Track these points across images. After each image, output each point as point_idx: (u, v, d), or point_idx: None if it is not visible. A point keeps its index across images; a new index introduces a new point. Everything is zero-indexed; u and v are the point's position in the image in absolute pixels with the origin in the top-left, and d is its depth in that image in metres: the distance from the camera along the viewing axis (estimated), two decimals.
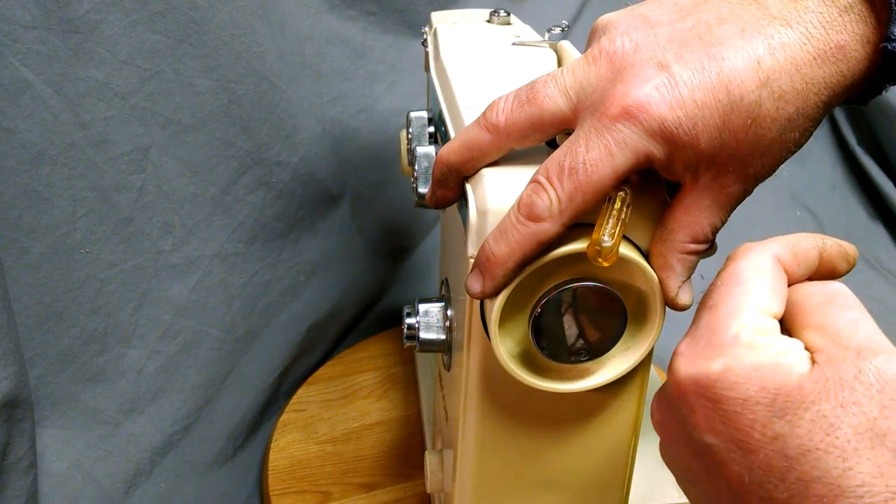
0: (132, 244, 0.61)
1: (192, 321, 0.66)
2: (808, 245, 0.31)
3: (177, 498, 0.66)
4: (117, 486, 0.62)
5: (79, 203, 0.57)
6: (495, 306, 0.35)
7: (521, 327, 0.37)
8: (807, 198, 1.18)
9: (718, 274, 0.32)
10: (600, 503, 0.47)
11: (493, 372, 0.40)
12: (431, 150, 0.47)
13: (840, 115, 1.22)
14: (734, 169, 0.32)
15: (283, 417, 0.73)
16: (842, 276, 0.32)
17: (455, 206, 0.43)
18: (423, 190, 0.46)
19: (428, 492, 0.52)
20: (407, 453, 0.69)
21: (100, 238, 0.59)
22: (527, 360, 0.37)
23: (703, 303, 0.31)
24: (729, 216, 0.34)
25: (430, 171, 0.46)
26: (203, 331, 0.67)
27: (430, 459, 0.52)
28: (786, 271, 0.31)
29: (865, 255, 1.08)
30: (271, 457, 0.69)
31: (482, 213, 0.35)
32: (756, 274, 0.30)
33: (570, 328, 0.36)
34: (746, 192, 0.33)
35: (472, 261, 0.36)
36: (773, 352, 0.27)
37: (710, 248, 0.35)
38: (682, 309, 0.35)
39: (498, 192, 0.35)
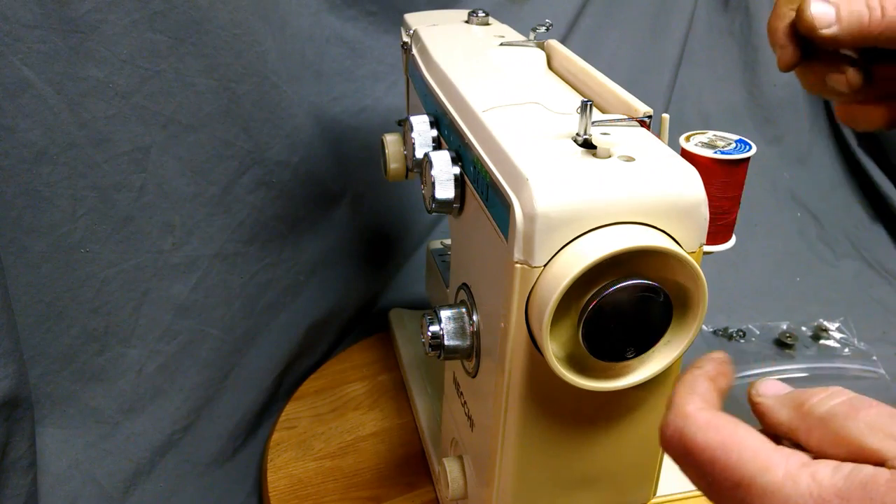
0: (132, 243, 0.61)
1: (192, 321, 0.66)
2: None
3: (176, 497, 0.66)
4: (117, 485, 0.62)
5: (79, 202, 0.57)
6: (546, 313, 0.35)
7: (565, 331, 0.37)
8: (807, 199, 1.18)
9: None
10: (634, 495, 0.48)
11: (534, 376, 0.40)
12: (446, 154, 0.46)
13: None
14: None
15: (276, 436, 0.70)
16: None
17: (472, 211, 0.43)
18: (440, 196, 0.45)
19: (450, 498, 0.51)
20: (407, 462, 0.67)
21: (100, 237, 0.59)
22: (572, 363, 0.37)
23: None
24: None
25: (442, 176, 0.45)
26: (203, 330, 0.67)
27: (450, 466, 0.50)
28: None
29: (865, 256, 1.08)
30: (270, 478, 0.66)
31: (530, 218, 0.35)
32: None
33: (619, 327, 0.36)
34: None
35: (518, 266, 0.36)
36: None
37: None
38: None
39: (544, 196, 0.35)
